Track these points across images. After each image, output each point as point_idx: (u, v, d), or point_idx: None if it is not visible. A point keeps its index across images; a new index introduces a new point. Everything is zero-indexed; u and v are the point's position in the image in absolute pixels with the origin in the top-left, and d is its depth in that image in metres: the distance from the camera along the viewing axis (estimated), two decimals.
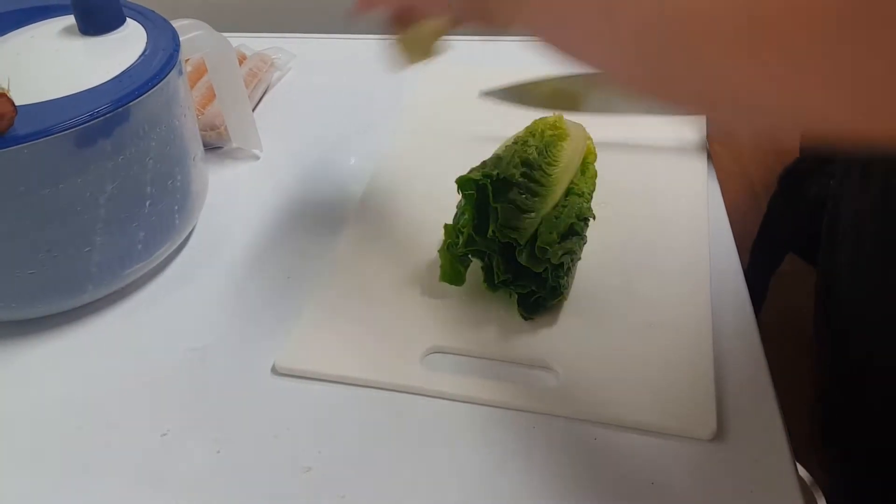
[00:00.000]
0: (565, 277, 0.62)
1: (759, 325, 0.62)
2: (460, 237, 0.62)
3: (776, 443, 0.53)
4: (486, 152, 0.74)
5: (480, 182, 0.61)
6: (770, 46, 0.28)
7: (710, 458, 0.52)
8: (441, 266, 0.63)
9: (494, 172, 0.61)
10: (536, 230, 0.60)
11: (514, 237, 0.59)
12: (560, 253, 0.60)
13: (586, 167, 0.71)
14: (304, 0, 1.24)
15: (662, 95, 0.35)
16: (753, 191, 0.96)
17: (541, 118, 0.73)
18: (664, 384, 0.56)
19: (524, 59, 1.00)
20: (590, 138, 0.74)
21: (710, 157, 0.78)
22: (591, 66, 0.36)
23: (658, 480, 0.51)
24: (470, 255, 0.63)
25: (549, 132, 0.69)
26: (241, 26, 1.06)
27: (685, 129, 0.83)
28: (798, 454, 0.53)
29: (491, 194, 0.60)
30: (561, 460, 0.53)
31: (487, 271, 0.62)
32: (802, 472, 0.60)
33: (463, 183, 0.62)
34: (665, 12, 0.31)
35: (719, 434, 0.53)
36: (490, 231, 0.60)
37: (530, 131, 0.71)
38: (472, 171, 0.64)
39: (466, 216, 0.62)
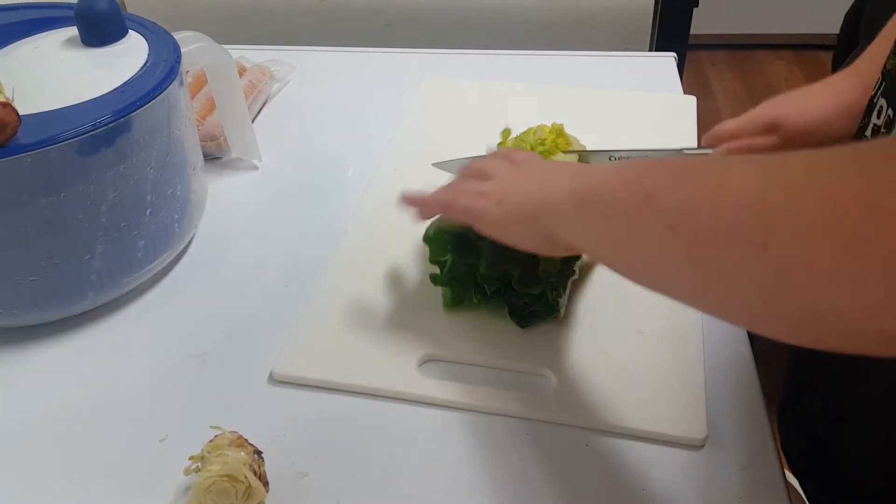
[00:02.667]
0: (564, 296, 0.62)
1: (748, 333, 0.62)
2: (441, 270, 0.63)
3: (765, 449, 0.53)
4: None
5: (456, 232, 0.61)
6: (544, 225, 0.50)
7: (699, 465, 0.53)
8: (443, 297, 0.64)
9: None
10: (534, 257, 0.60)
11: (507, 268, 0.59)
12: (565, 274, 0.61)
13: None
14: (304, 13, 1.26)
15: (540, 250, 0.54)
16: None
17: (531, 128, 0.74)
18: (655, 392, 0.57)
19: (520, 71, 1.01)
20: (584, 151, 0.75)
21: None
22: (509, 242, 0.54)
23: (648, 486, 0.52)
24: (455, 280, 0.63)
25: (539, 148, 0.70)
26: (242, 38, 1.08)
27: (682, 142, 0.84)
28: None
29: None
30: (554, 467, 0.53)
31: (476, 286, 0.63)
32: (789, 476, 0.61)
33: (434, 237, 0.62)
34: (505, 211, 0.53)
35: (709, 441, 0.54)
36: (482, 269, 0.60)
37: (521, 139, 0.72)
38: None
39: (448, 260, 0.62)
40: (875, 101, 0.56)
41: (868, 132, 0.56)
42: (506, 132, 0.75)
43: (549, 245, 0.51)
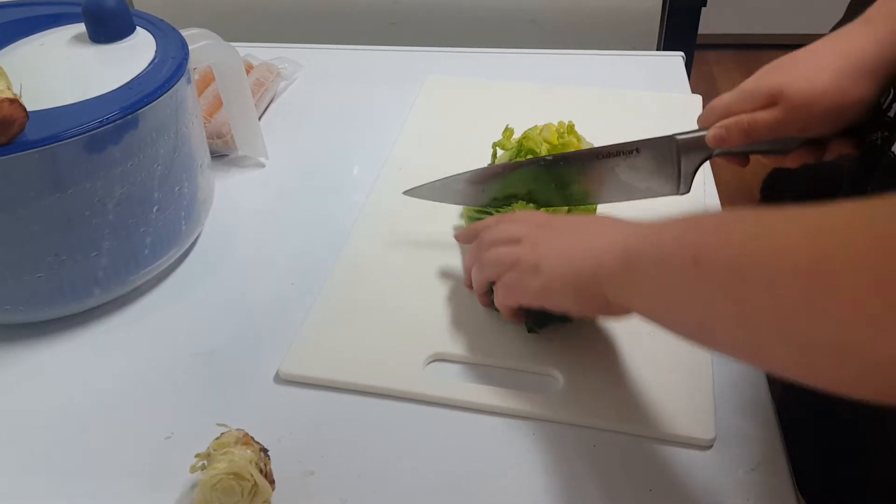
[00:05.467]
0: None
1: None
2: None
3: (773, 451, 0.53)
4: (488, 161, 0.75)
5: None
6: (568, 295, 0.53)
7: (708, 466, 0.52)
8: None
9: None
10: None
11: None
12: None
13: None
14: (311, 11, 1.26)
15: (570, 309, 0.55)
16: (754, 201, 0.97)
17: (537, 127, 0.73)
18: (664, 392, 0.57)
19: (527, 70, 1.01)
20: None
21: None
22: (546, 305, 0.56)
23: (656, 487, 0.51)
24: None
25: (545, 146, 0.70)
26: (249, 36, 1.08)
27: None
28: None
29: None
30: (561, 467, 0.53)
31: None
32: None
33: None
34: (546, 280, 0.54)
35: (717, 442, 0.54)
36: None
37: (527, 137, 0.71)
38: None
39: None
40: None
41: None
42: (507, 131, 0.74)
43: (604, 309, 0.51)
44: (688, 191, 0.65)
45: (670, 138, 0.64)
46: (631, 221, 0.53)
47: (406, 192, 0.71)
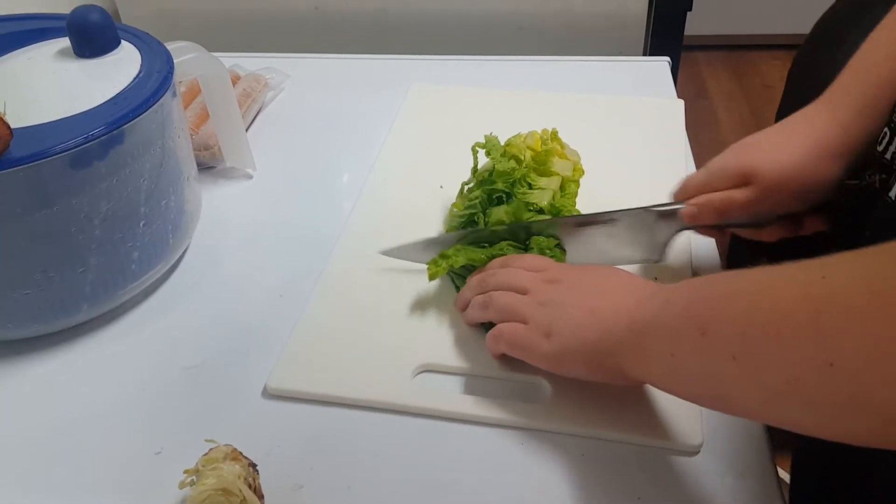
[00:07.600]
0: None
1: None
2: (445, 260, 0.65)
3: (760, 457, 0.53)
4: (471, 165, 0.75)
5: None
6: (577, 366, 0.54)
7: (695, 472, 0.53)
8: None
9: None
10: None
11: None
12: None
13: (566, 185, 0.71)
14: (298, 20, 1.26)
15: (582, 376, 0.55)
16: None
17: (521, 134, 0.73)
18: (651, 399, 0.57)
19: (514, 76, 1.01)
20: (577, 157, 0.75)
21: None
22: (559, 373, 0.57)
23: (644, 495, 0.52)
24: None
25: (529, 153, 0.71)
26: (236, 46, 1.08)
27: (669, 147, 0.84)
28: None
29: None
30: (549, 476, 0.53)
31: None
32: (782, 473, 0.60)
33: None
34: (558, 348, 0.54)
35: (705, 448, 0.54)
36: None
37: (511, 145, 0.72)
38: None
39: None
40: None
41: None
42: (489, 139, 0.74)
43: (619, 379, 0.52)
44: (662, 259, 0.67)
45: (647, 210, 0.65)
46: (636, 280, 0.54)
47: (384, 252, 0.69)
